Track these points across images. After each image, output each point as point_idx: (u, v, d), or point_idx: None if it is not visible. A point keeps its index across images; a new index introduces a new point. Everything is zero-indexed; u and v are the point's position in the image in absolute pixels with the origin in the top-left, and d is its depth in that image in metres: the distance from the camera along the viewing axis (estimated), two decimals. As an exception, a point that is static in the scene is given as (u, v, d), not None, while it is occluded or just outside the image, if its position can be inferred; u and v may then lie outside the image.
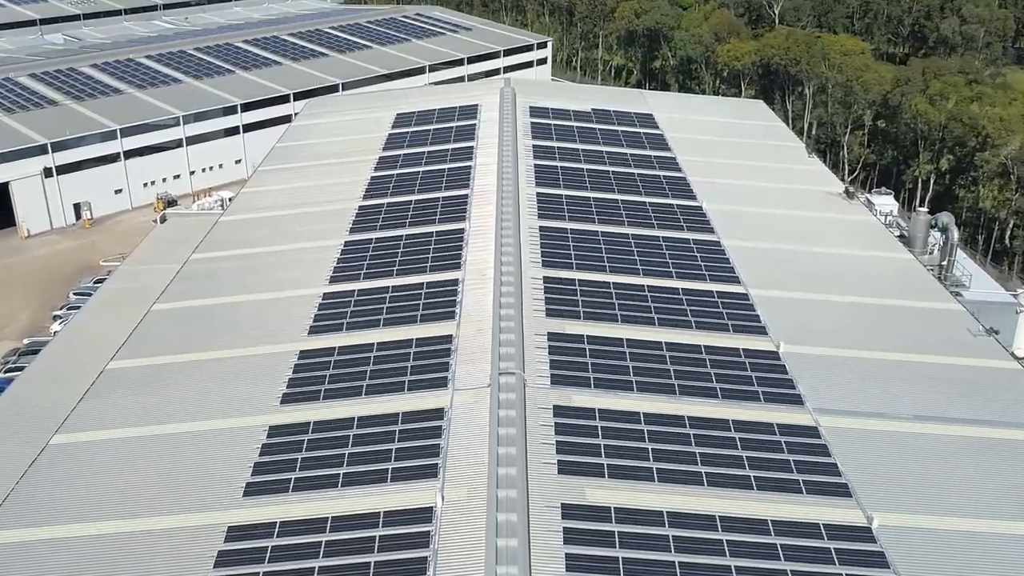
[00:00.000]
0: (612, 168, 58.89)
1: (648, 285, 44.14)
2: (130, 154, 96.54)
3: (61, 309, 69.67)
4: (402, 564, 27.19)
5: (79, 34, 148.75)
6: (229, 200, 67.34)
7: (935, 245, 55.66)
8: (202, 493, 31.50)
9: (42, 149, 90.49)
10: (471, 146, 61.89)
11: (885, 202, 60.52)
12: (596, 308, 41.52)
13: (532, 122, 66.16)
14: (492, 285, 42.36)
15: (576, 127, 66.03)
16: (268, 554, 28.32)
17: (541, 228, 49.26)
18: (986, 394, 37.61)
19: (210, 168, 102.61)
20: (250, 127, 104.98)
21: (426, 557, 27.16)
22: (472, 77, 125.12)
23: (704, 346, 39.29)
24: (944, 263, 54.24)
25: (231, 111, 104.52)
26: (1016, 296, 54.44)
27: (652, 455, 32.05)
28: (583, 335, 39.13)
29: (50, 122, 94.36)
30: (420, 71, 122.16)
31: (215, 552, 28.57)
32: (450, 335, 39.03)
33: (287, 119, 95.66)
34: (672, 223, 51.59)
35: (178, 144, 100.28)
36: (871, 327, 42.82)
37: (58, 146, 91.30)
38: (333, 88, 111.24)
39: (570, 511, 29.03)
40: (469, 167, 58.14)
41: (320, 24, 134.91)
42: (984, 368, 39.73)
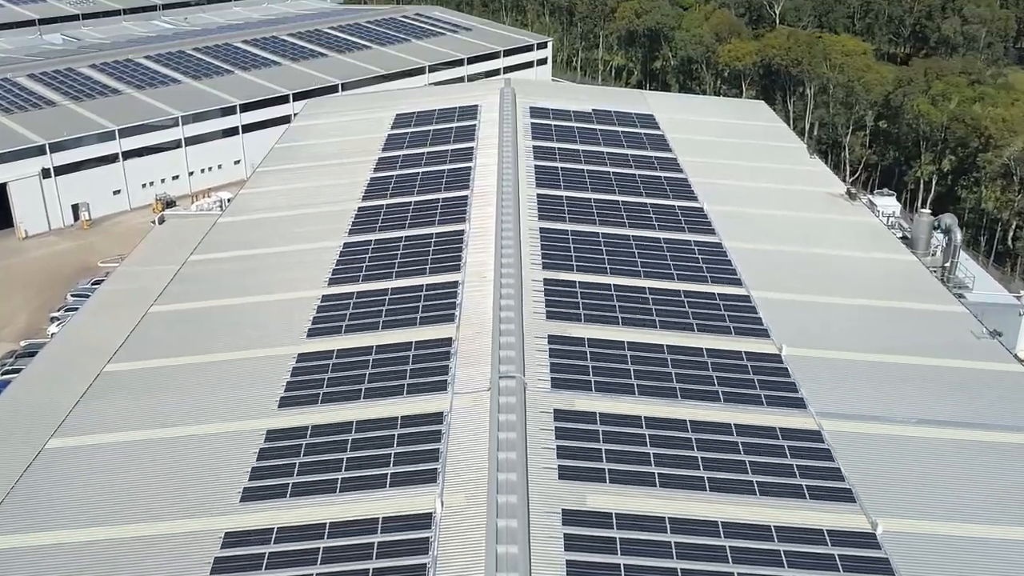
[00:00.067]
0: (613, 169, 58.58)
1: (649, 287, 43.82)
2: (129, 155, 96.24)
3: (59, 311, 69.37)
4: (401, 571, 26.87)
5: (78, 34, 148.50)
6: (228, 201, 67.01)
7: (938, 247, 55.36)
8: (199, 498, 31.18)
9: (40, 150, 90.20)
10: (471, 147, 61.58)
11: (887, 203, 60.24)
12: (597, 310, 41.21)
13: (532, 123, 65.86)
14: (492, 287, 42.05)
15: (576, 128, 65.72)
16: (265, 560, 28.01)
17: (542, 229, 48.95)
18: (991, 397, 37.29)
19: (209, 169, 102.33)
20: (249, 128, 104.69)
21: (425, 564, 26.84)
22: (472, 77, 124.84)
23: (706, 349, 38.96)
24: (947, 265, 53.95)
25: (230, 112, 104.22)
26: (1020, 298, 54.10)
27: (654, 460, 31.73)
28: (584, 338, 38.82)
29: (48, 122, 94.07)
30: (420, 71, 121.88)
31: (211, 558, 28.25)
32: (450, 338, 38.72)
33: (286, 119, 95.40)
34: (673, 224, 51.27)
35: (177, 145, 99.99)
36: (874, 329, 42.52)
37: (56, 147, 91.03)
38: (333, 88, 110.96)
39: (571, 517, 28.71)
40: (469, 168, 57.84)
41: (319, 24, 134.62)
42: (988, 371, 39.41)
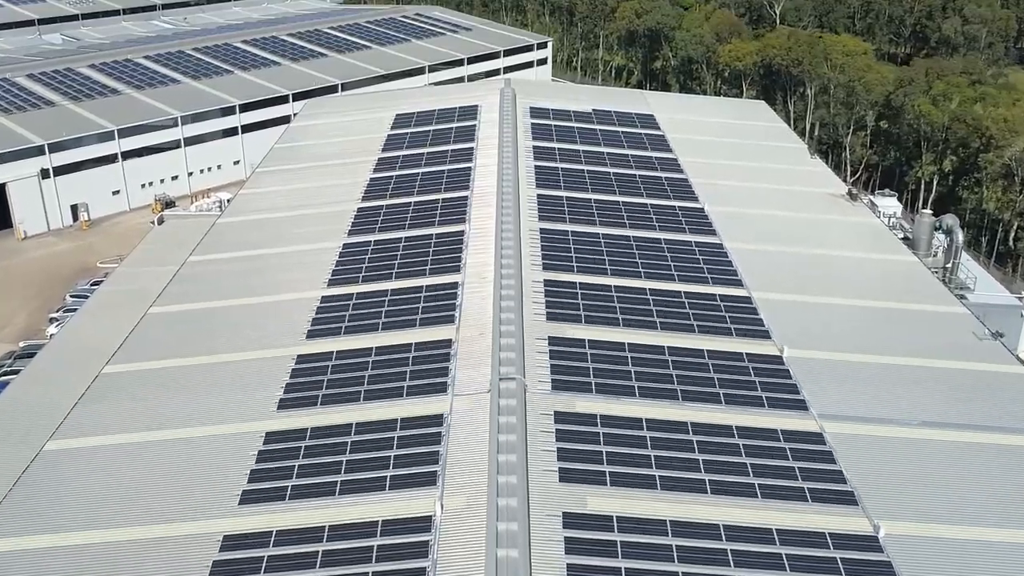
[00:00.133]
0: (613, 169, 58.40)
1: (650, 288, 43.65)
2: (128, 155, 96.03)
3: (58, 311, 69.19)
4: (400, 574, 26.66)
5: (77, 34, 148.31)
6: (227, 201, 66.84)
7: (939, 247, 55.16)
8: (197, 501, 31.00)
9: (39, 150, 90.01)
10: (471, 147, 61.40)
11: (888, 204, 59.98)
12: (597, 312, 41.04)
13: (532, 123, 65.69)
14: (492, 288, 41.89)
15: (577, 128, 65.55)
16: (264, 563, 27.81)
17: (542, 230, 48.78)
18: (993, 399, 37.12)
19: (208, 169, 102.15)
20: (249, 128, 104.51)
21: (425, 568, 26.65)
22: (472, 77, 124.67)
23: (707, 350, 38.78)
24: (948, 265, 53.74)
25: (229, 112, 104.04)
26: (1022, 299, 53.90)
27: (655, 462, 31.55)
28: (584, 339, 38.64)
29: (47, 123, 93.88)
30: (420, 71, 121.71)
31: (210, 562, 28.05)
32: (449, 339, 38.54)
33: (286, 120, 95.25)
34: (674, 225, 51.10)
35: (176, 145, 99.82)
36: (876, 331, 42.36)
37: (55, 147, 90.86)
38: (332, 88, 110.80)
39: (572, 520, 28.53)
40: (469, 168, 57.66)
41: (319, 24, 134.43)
42: (990, 372, 39.24)
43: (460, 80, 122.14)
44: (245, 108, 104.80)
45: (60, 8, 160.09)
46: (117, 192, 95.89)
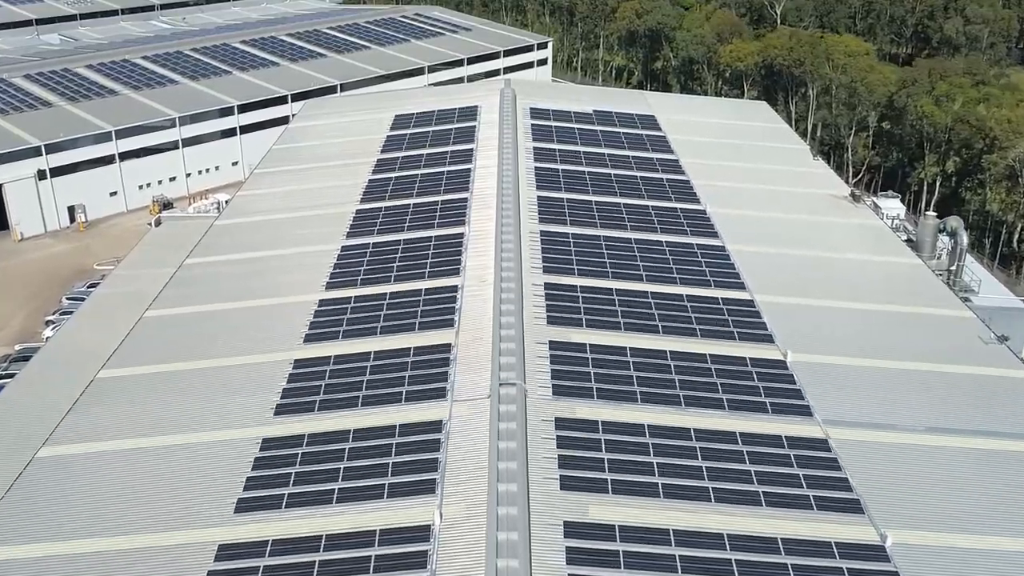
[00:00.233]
0: (614, 171, 57.90)
1: (652, 292, 43.15)
2: (125, 156, 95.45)
3: (54, 314, 68.71)
4: (398, 585, 26.22)
5: (75, 34, 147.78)
6: (225, 203, 66.29)
7: (943, 250, 54.65)
8: (192, 509, 30.52)
9: (36, 151, 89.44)
10: (471, 148, 60.92)
11: (892, 205, 59.48)
12: (599, 315, 40.53)
13: (533, 124, 65.21)
14: (492, 291, 41.43)
15: (577, 129, 65.06)
16: (260, 573, 27.35)
17: (542, 232, 48.29)
18: (1001, 405, 36.65)
19: (206, 170, 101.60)
20: (247, 128, 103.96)
21: (423, 578, 26.17)
22: (472, 78, 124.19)
23: (709, 355, 38.29)
24: (953, 268, 53.25)
25: (228, 112, 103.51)
26: (1026, 301, 53.42)
27: (657, 470, 31.05)
28: (586, 344, 38.14)
29: (44, 123, 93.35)
30: (419, 72, 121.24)
31: (205, 572, 27.63)
32: (449, 344, 38.04)
33: (285, 120, 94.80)
34: (676, 227, 50.60)
35: (174, 146, 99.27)
36: (880, 335, 41.88)
37: (52, 148, 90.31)
38: (331, 89, 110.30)
39: (573, 529, 28.04)
40: (469, 170, 57.17)
41: (318, 24, 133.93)
42: (997, 377, 38.77)
43: (460, 81, 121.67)
44: (243, 109, 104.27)
45: (58, 8, 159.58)
46: (114, 193, 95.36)
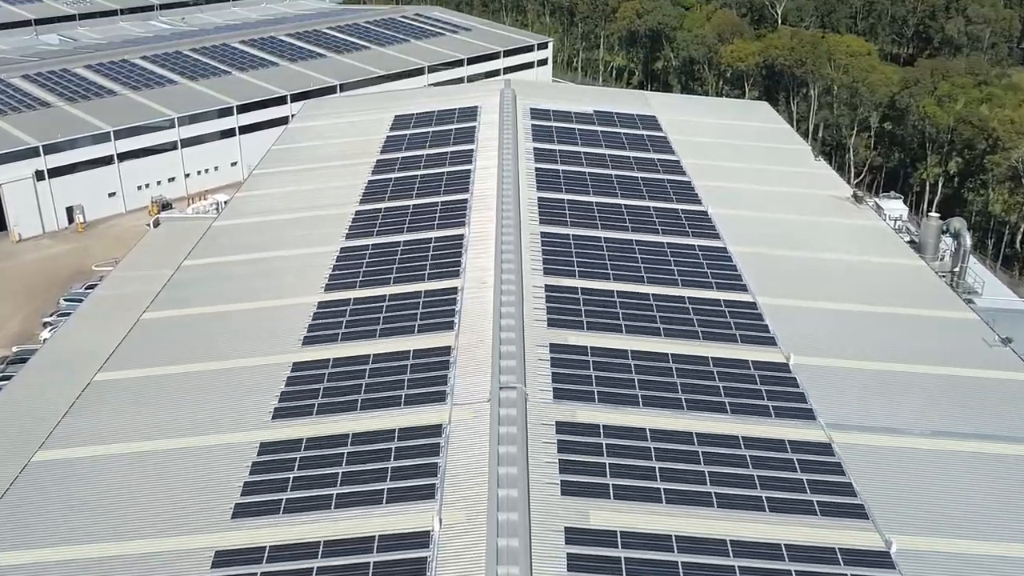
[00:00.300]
0: (615, 172, 57.54)
1: (653, 294, 42.78)
2: (124, 156, 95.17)
3: (51, 316, 68.43)
4: (397, 593, 25.87)
5: (74, 34, 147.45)
6: (224, 203, 65.97)
7: (946, 251, 54.29)
8: (188, 515, 30.17)
9: (34, 152, 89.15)
10: (471, 149, 60.57)
11: (894, 207, 59.13)
12: (599, 318, 40.17)
13: (533, 124, 64.86)
14: (492, 293, 41.10)
15: (578, 129, 64.71)
16: (257, 581, 27.00)
17: (543, 234, 47.94)
18: (1006, 408, 36.29)
19: (205, 171, 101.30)
20: (246, 129, 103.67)
21: (422, 586, 25.82)
22: (472, 78, 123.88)
23: (711, 358, 37.93)
24: (956, 269, 52.87)
25: (227, 113, 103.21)
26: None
27: (659, 474, 30.70)
28: (586, 346, 37.78)
29: (42, 124, 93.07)
30: (419, 72, 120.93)
31: (201, 579, 27.25)
32: (449, 346, 37.68)
33: (284, 121, 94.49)
34: (677, 229, 50.24)
35: (173, 146, 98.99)
36: (883, 337, 41.50)
37: (50, 148, 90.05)
38: (331, 89, 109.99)
39: (574, 535, 27.69)
40: (469, 171, 56.82)
41: (318, 24, 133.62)
42: (1002, 380, 38.39)
43: (460, 81, 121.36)
44: (243, 109, 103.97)
45: (57, 8, 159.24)
46: (113, 194, 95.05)
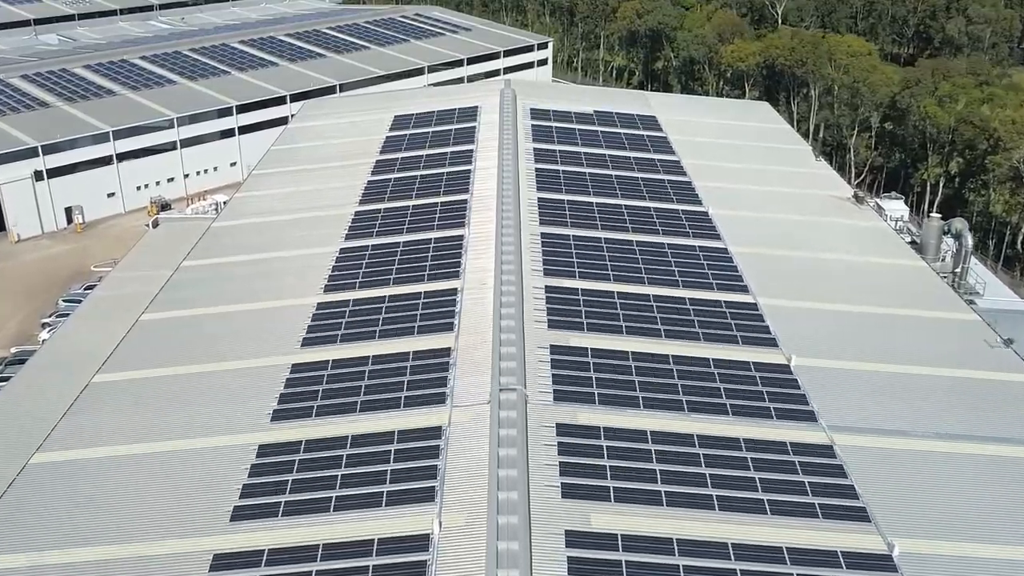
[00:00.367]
0: (615, 172, 57.36)
1: (654, 295, 42.60)
2: (123, 157, 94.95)
3: (50, 316, 68.27)
4: (397, 597, 25.70)
5: (74, 34, 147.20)
6: (224, 204, 65.80)
7: (947, 252, 54.11)
8: (187, 517, 29.98)
9: (33, 152, 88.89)
10: (471, 149, 60.38)
11: (895, 207, 58.89)
12: (600, 319, 39.99)
13: (533, 124, 64.68)
14: (492, 295, 40.92)
15: (578, 130, 64.52)
16: (255, 584, 26.84)
17: (543, 235, 47.76)
18: (1009, 409, 36.10)
19: (205, 171, 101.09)
20: (246, 129, 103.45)
21: (422, 590, 25.65)
22: (472, 78, 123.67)
23: (712, 359, 37.75)
24: (957, 270, 52.69)
25: (226, 113, 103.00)
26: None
27: (660, 477, 30.52)
28: (587, 348, 37.59)
29: (41, 124, 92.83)
30: (419, 72, 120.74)
31: (199, 582, 27.08)
32: (448, 348, 37.51)
33: (283, 121, 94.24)
34: (677, 229, 50.06)
35: (172, 146, 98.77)
36: (885, 338, 41.32)
37: (49, 149, 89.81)
38: (331, 89, 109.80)
39: (574, 539, 27.50)
40: (468, 171, 56.64)
41: (318, 24, 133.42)
42: (1004, 382, 38.20)
43: (460, 81, 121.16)
44: (242, 109, 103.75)
45: (56, 8, 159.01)
46: (112, 194, 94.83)
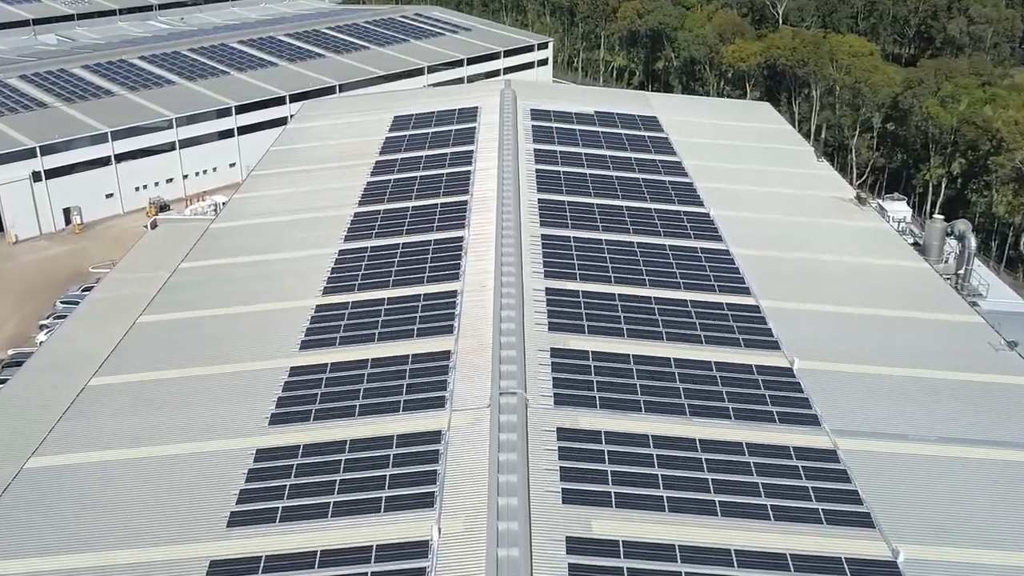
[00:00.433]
0: (616, 173, 57.00)
1: (655, 297, 42.25)
2: (121, 157, 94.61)
3: (48, 318, 67.93)
4: (395, 605, 25.35)
5: (73, 34, 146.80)
6: (222, 205, 65.46)
7: (951, 253, 53.73)
8: (183, 523, 29.65)
9: (31, 152, 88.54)
10: (470, 150, 60.04)
11: (898, 208, 58.46)
12: (601, 321, 39.63)
13: (533, 125, 64.33)
14: (492, 297, 40.58)
15: (579, 130, 64.16)
16: (252, 592, 26.49)
17: (543, 236, 47.41)
18: (1014, 414, 35.71)
19: (204, 172, 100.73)
20: (245, 130, 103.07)
21: (421, 597, 25.31)
22: (472, 78, 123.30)
23: (714, 362, 37.39)
24: (960, 272, 52.30)
25: (225, 113, 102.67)
26: (1036, 306, 52.44)
27: (662, 482, 30.16)
28: (588, 351, 37.24)
29: (39, 125, 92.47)
30: (419, 72, 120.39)
31: (195, 589, 26.75)
32: (448, 351, 37.16)
33: (283, 121, 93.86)
34: (679, 231, 49.71)
35: (171, 147, 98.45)
36: (888, 341, 40.97)
37: (47, 149, 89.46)
38: (330, 90, 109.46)
39: (575, 545, 27.16)
40: (468, 172, 56.29)
41: (317, 24, 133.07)
42: (1009, 385, 37.82)
43: (460, 81, 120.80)
44: (241, 110, 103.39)
45: (56, 8, 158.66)
46: (111, 195, 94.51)
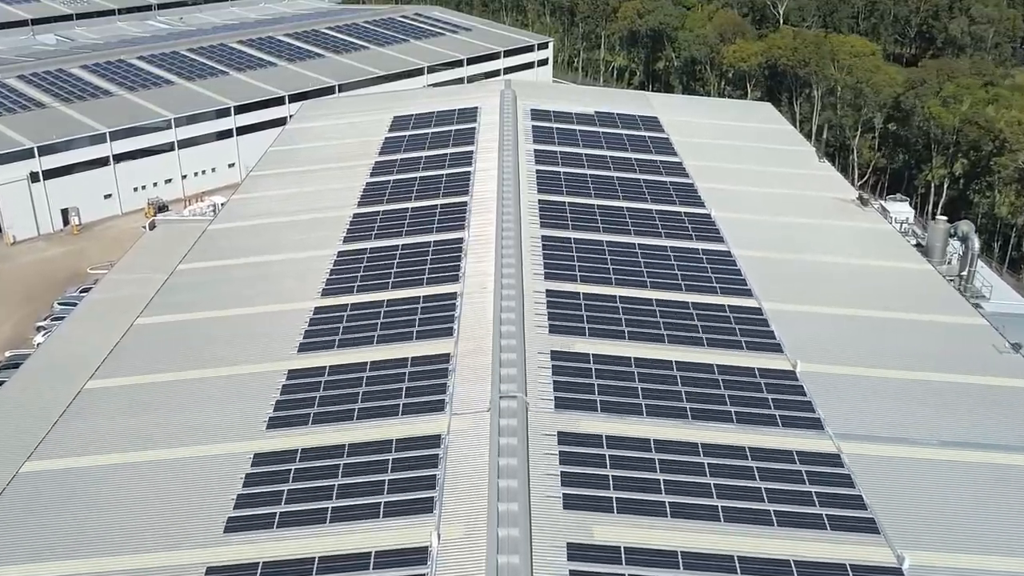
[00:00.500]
0: (617, 174, 56.67)
1: (656, 299, 41.92)
2: (120, 158, 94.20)
3: (45, 320, 67.58)
4: (394, 612, 25.03)
5: (71, 34, 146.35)
6: (221, 205, 65.14)
7: (953, 255, 53.42)
8: (180, 528, 29.32)
9: (28, 153, 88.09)
10: (470, 150, 59.71)
11: (900, 209, 58.18)
12: (602, 324, 39.31)
13: (534, 125, 64.02)
14: (492, 299, 40.28)
15: (579, 131, 63.85)
16: (249, 598, 26.16)
17: (544, 237, 47.09)
18: (1019, 417, 35.34)
19: (203, 172, 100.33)
20: (244, 130, 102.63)
21: (420, 605, 24.98)
22: (472, 78, 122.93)
23: (716, 365, 37.07)
24: (964, 273, 52.01)
25: (224, 113, 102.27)
26: (1040, 307, 52.15)
27: (664, 487, 29.84)
28: (589, 354, 36.92)
29: (37, 125, 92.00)
30: (419, 72, 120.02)
31: (191, 596, 26.42)
32: (448, 354, 36.84)
33: (282, 122, 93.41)
34: (680, 232, 49.38)
35: (170, 147, 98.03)
36: (892, 343, 40.65)
37: (45, 150, 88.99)
38: (329, 90, 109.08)
39: (576, 552, 26.83)
40: (468, 172, 55.97)
41: (317, 24, 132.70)
42: (1014, 388, 37.49)
43: (460, 81, 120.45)
44: (240, 110, 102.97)
45: (54, 8, 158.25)
46: (109, 196, 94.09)
